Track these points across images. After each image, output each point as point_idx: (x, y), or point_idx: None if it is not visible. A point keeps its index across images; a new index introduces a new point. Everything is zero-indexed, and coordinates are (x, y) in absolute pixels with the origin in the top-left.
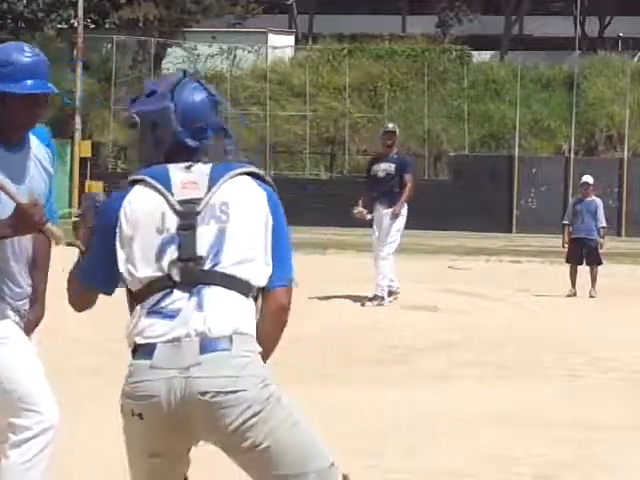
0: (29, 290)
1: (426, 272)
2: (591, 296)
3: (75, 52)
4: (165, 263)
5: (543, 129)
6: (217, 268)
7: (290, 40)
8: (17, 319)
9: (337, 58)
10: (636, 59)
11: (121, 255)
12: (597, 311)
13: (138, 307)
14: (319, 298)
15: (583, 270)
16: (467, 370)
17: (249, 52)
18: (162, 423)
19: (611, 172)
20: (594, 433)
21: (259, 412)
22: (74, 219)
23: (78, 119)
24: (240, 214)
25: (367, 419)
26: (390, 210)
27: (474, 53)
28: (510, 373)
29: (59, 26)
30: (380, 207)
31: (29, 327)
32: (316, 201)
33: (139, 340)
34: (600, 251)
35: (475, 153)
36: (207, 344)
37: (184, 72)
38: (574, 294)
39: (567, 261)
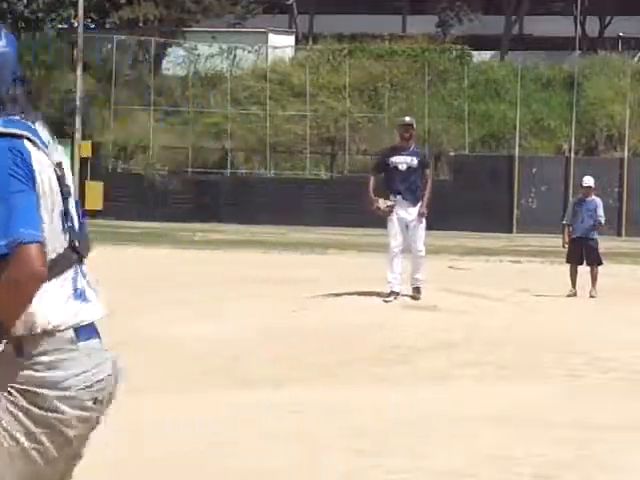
0: None
1: (426, 272)
2: (591, 296)
3: (75, 52)
4: (67, 233)
5: (543, 129)
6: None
7: (290, 40)
8: None
9: (337, 58)
10: (636, 59)
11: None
12: (597, 311)
13: (55, 284)
14: (320, 298)
15: (583, 270)
16: (467, 370)
17: (249, 52)
18: (107, 406)
19: (611, 172)
20: (594, 433)
21: None
22: None
23: (78, 119)
24: (70, 184)
25: (368, 418)
26: (416, 208)
27: (474, 53)
28: (510, 373)
29: (59, 26)
30: (404, 204)
31: None
32: (316, 201)
33: (77, 323)
34: (600, 251)
35: (475, 153)
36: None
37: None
38: (574, 294)
39: (567, 261)
